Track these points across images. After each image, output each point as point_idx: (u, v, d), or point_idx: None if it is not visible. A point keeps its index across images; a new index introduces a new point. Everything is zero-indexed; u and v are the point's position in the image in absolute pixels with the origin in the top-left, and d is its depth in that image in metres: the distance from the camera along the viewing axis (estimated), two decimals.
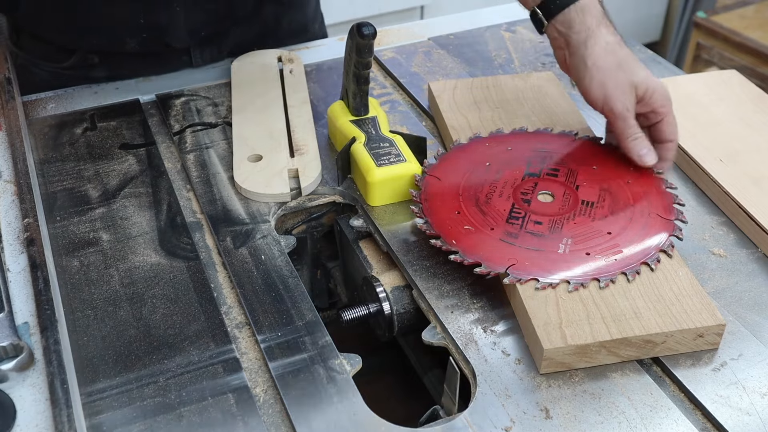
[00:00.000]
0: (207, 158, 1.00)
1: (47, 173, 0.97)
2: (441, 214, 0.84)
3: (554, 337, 0.71)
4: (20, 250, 0.78)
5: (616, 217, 0.83)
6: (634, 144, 0.89)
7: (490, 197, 0.86)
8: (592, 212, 0.84)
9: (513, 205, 0.85)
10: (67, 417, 0.61)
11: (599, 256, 0.79)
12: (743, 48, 2.45)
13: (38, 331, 0.69)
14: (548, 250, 0.79)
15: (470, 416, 0.69)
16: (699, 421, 0.69)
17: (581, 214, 0.84)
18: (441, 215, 0.84)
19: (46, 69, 1.16)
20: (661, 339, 0.72)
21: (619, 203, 0.85)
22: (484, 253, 0.79)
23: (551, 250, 0.79)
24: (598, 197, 0.86)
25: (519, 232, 0.81)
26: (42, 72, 1.16)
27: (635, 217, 0.83)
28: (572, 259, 0.78)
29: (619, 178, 0.89)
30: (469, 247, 0.80)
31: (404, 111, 1.11)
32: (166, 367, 0.73)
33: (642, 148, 0.89)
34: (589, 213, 0.84)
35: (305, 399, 0.69)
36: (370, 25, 0.90)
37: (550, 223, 0.82)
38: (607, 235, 0.81)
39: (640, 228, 0.82)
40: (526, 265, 0.77)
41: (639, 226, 0.82)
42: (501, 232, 0.81)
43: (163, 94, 1.12)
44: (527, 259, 0.78)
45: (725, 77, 1.10)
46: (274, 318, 0.77)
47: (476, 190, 0.87)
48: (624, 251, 0.79)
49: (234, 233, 0.88)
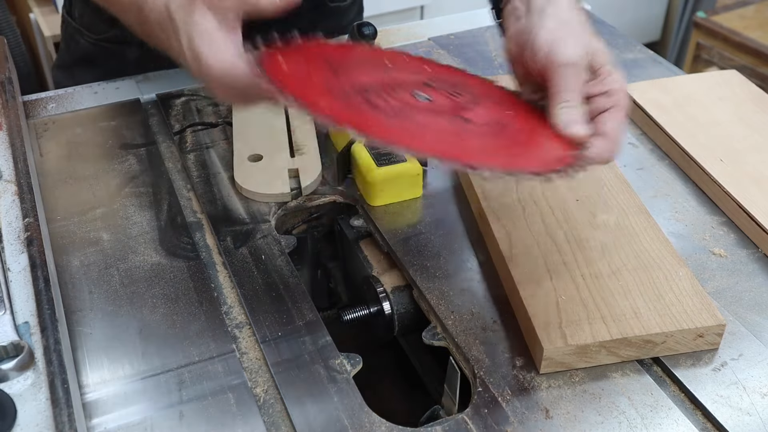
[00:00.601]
0: (207, 158, 1.00)
1: (47, 173, 0.97)
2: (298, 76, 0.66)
3: (554, 337, 0.71)
4: (20, 250, 0.78)
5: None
6: (563, 111, 0.70)
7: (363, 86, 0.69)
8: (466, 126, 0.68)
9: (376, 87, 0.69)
10: (68, 417, 0.61)
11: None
12: (743, 48, 2.45)
13: (38, 330, 0.69)
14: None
15: (470, 416, 0.69)
16: (699, 421, 0.69)
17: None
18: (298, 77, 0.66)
19: (88, 39, 1.19)
20: (661, 339, 0.72)
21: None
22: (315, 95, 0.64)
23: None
24: (485, 120, 0.69)
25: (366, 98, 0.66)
26: (85, 42, 1.19)
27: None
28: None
29: (528, 121, 0.71)
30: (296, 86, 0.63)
31: None
32: (166, 367, 0.73)
33: (573, 117, 0.70)
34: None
35: (305, 399, 0.69)
36: (370, 24, 0.90)
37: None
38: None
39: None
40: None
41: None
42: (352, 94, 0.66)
43: (163, 94, 1.12)
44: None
45: (725, 77, 1.10)
46: (274, 318, 0.77)
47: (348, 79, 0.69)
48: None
49: (234, 233, 0.88)
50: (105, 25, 1.16)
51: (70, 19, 1.21)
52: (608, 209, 0.86)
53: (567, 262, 0.79)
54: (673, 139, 0.98)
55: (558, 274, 0.78)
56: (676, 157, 0.99)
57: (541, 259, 0.80)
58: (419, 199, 0.94)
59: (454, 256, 0.85)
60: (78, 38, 1.20)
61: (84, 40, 1.19)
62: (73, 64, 1.23)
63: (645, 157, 1.01)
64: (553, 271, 0.79)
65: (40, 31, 2.17)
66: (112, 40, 1.17)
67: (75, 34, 1.20)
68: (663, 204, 0.93)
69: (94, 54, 1.19)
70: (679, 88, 1.07)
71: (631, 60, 1.21)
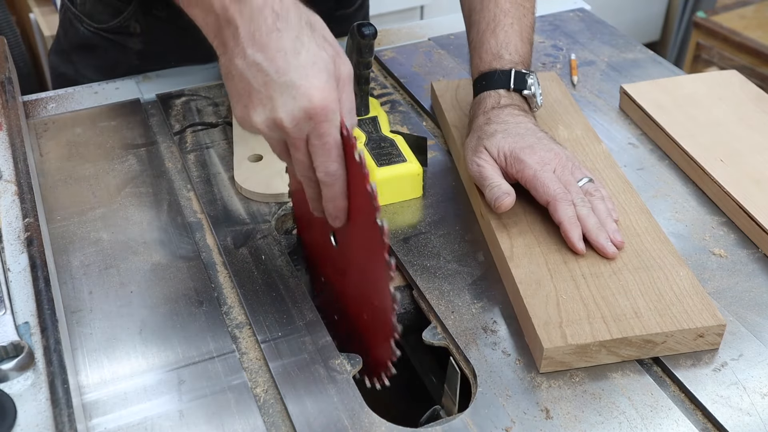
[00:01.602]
0: (207, 158, 1.00)
1: (47, 173, 0.97)
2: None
3: (554, 336, 0.71)
4: (21, 250, 0.78)
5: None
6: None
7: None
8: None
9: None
10: (68, 417, 0.61)
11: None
12: (743, 48, 2.45)
13: (38, 330, 0.69)
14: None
15: (470, 416, 0.69)
16: (699, 421, 0.69)
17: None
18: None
19: (88, 27, 1.18)
20: (662, 339, 0.72)
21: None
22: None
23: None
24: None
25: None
26: (84, 30, 1.18)
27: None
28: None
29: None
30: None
31: (404, 111, 1.11)
32: (166, 367, 0.73)
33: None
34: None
35: (305, 399, 0.69)
36: (370, 25, 0.90)
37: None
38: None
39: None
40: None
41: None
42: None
43: (163, 94, 1.12)
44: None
45: (725, 77, 1.10)
46: (274, 318, 0.77)
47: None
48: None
49: (234, 233, 0.88)
50: (107, 15, 1.16)
51: (70, 5, 1.20)
52: None
53: (567, 261, 0.79)
54: (673, 139, 0.98)
55: (558, 273, 0.78)
56: (676, 157, 0.99)
57: (541, 258, 0.80)
58: (419, 199, 0.94)
59: (454, 256, 0.85)
60: (77, 25, 1.19)
61: (84, 28, 1.18)
62: (71, 50, 1.22)
63: (645, 157, 1.01)
64: (554, 271, 0.78)
65: (39, 31, 2.16)
66: (113, 31, 1.16)
67: (75, 20, 1.19)
68: (663, 204, 0.93)
69: (94, 42, 1.19)
70: (679, 88, 1.07)
71: (631, 60, 1.21)
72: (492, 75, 0.93)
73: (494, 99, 0.93)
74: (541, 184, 0.83)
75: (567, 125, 1.00)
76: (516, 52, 0.94)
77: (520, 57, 0.95)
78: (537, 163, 0.84)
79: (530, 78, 0.93)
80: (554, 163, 0.85)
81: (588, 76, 1.18)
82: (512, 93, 0.93)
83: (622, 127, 1.06)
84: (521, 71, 0.93)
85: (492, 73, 0.94)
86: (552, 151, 0.86)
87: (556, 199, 0.82)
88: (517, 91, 0.93)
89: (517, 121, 0.90)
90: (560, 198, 0.82)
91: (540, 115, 1.02)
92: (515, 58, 0.94)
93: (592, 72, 1.19)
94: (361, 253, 0.71)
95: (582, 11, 1.36)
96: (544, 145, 0.86)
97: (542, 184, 0.83)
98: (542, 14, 1.34)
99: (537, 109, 0.96)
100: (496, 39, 0.95)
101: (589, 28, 1.31)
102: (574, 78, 1.16)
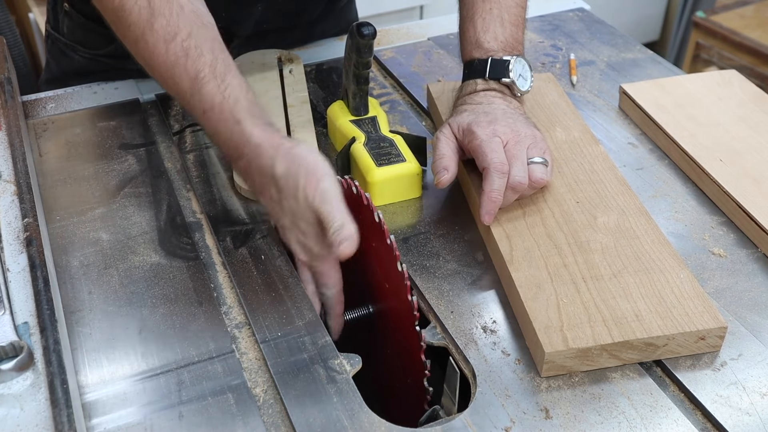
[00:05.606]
0: (207, 158, 1.00)
1: (47, 173, 0.97)
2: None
3: (555, 340, 0.71)
4: (20, 250, 0.78)
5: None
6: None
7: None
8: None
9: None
10: (67, 417, 0.61)
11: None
12: (742, 48, 2.45)
13: (38, 331, 0.69)
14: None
15: (470, 416, 0.69)
16: (699, 421, 0.69)
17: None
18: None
19: (83, 55, 1.16)
20: (663, 342, 0.72)
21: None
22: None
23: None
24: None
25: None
26: (79, 58, 1.17)
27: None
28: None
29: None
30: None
31: (404, 111, 1.11)
32: (166, 367, 0.72)
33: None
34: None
35: (305, 399, 0.69)
36: (370, 24, 0.90)
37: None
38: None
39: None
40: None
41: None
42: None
43: (162, 94, 1.12)
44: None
45: (725, 77, 1.10)
46: (274, 318, 0.77)
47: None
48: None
49: (234, 233, 0.88)
50: (101, 41, 1.14)
51: (58, 35, 1.17)
52: (608, 211, 0.86)
53: (568, 265, 0.79)
54: (672, 139, 0.98)
55: (559, 276, 0.78)
56: (675, 157, 0.99)
57: (541, 261, 0.80)
58: (419, 199, 0.94)
59: (453, 256, 0.85)
60: (71, 54, 1.17)
61: (79, 56, 1.16)
62: (66, 78, 1.18)
63: (645, 157, 1.00)
64: (554, 274, 0.78)
65: (39, 31, 2.16)
66: (111, 55, 1.14)
67: (66, 50, 1.17)
68: (663, 204, 0.93)
69: (90, 68, 1.16)
70: (678, 88, 1.07)
71: (630, 60, 1.21)
72: (471, 64, 0.95)
73: (472, 87, 0.94)
74: (482, 152, 0.84)
75: (564, 127, 1.00)
76: (495, 39, 0.94)
77: (500, 43, 0.94)
78: (487, 134, 0.85)
79: (512, 63, 0.92)
80: (508, 137, 0.85)
81: (587, 76, 1.17)
82: (490, 81, 0.93)
83: (622, 127, 1.06)
84: (500, 59, 0.93)
85: (470, 62, 0.95)
86: (511, 127, 0.86)
87: (489, 168, 0.83)
88: (495, 79, 0.93)
89: (490, 101, 0.91)
90: (494, 168, 0.82)
91: (537, 116, 1.02)
92: (494, 45, 0.94)
93: (591, 72, 1.18)
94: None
95: (581, 11, 1.36)
96: (507, 123, 0.86)
97: (483, 152, 0.84)
98: (542, 14, 1.34)
99: (521, 95, 0.95)
100: (474, 27, 0.95)
101: (589, 27, 1.31)
102: (574, 78, 1.16)
